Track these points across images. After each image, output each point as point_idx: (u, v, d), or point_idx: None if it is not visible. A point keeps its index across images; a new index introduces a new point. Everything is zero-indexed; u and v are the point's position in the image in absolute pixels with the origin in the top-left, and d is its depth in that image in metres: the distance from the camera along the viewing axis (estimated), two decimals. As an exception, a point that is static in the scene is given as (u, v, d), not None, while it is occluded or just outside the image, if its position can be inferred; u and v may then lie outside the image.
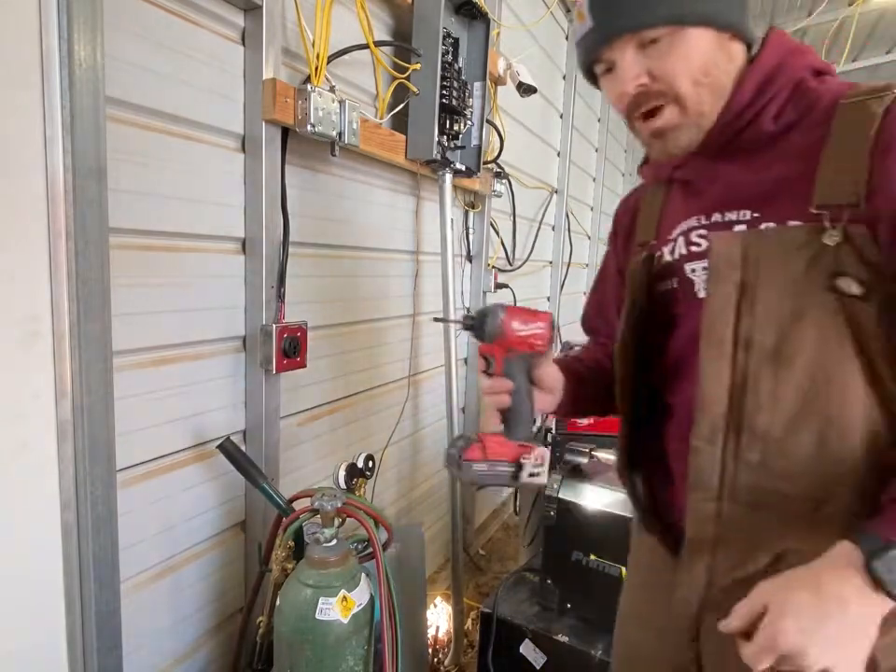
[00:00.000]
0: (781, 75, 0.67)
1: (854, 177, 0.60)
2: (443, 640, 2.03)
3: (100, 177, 0.90)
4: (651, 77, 0.67)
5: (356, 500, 1.18)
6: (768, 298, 0.64)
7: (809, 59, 0.69)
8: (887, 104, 0.60)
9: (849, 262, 0.60)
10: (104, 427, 0.95)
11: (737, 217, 0.69)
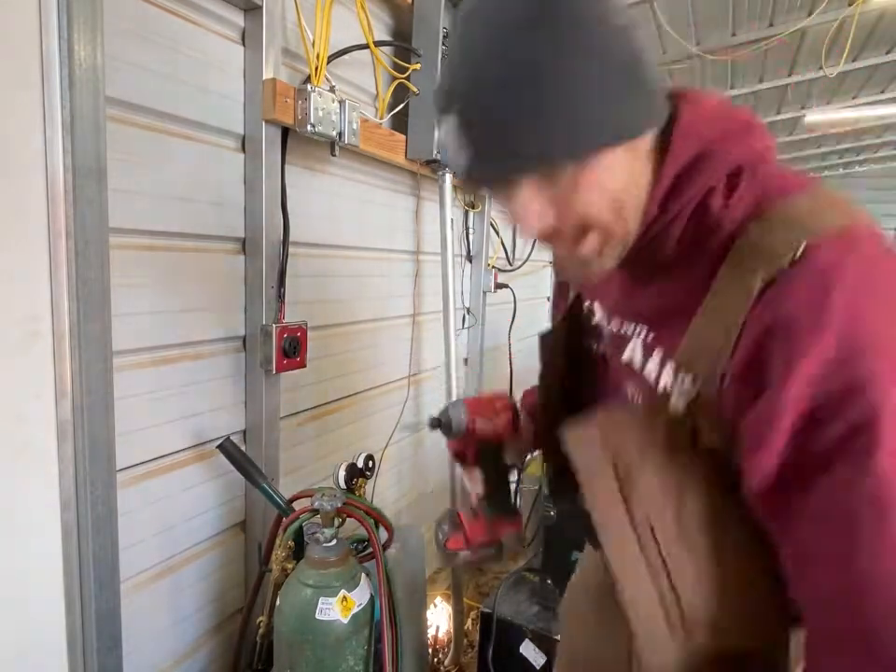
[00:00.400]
0: (687, 187, 0.54)
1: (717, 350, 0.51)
2: (443, 640, 2.03)
3: (100, 177, 0.90)
4: (560, 213, 0.53)
5: (356, 500, 1.18)
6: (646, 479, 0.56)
7: (728, 152, 0.54)
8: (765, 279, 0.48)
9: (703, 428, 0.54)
10: (104, 427, 0.95)
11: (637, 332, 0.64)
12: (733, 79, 4.86)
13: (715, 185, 0.54)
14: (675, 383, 0.56)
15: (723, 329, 0.51)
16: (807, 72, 4.69)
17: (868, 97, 5.58)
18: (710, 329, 0.52)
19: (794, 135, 6.87)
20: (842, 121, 6.15)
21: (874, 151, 8.25)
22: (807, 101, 5.46)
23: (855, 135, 7.19)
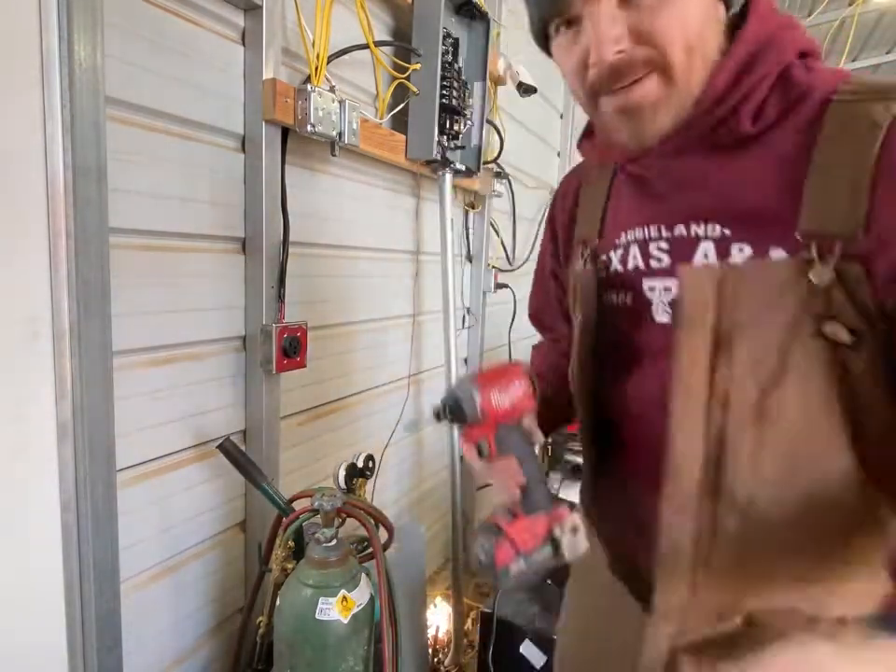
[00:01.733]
0: (766, 58, 0.53)
1: (851, 204, 0.49)
2: (443, 640, 2.03)
3: (100, 177, 0.90)
4: (636, 38, 0.51)
5: (356, 500, 1.18)
6: (748, 347, 0.54)
7: (797, 36, 0.55)
8: (894, 112, 0.48)
9: (840, 306, 0.50)
10: (104, 426, 0.95)
11: (704, 233, 0.58)
12: (733, 79, 4.87)
13: (792, 60, 0.54)
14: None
15: (853, 172, 0.49)
16: (807, 72, 4.69)
17: (868, 97, 5.58)
18: (834, 182, 0.50)
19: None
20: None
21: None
22: (807, 101, 5.46)
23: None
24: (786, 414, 0.53)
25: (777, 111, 0.54)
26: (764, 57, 0.53)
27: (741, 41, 0.53)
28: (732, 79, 0.53)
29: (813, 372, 0.52)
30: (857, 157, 0.49)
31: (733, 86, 0.54)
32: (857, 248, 0.49)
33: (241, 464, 1.19)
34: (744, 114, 0.54)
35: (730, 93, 0.54)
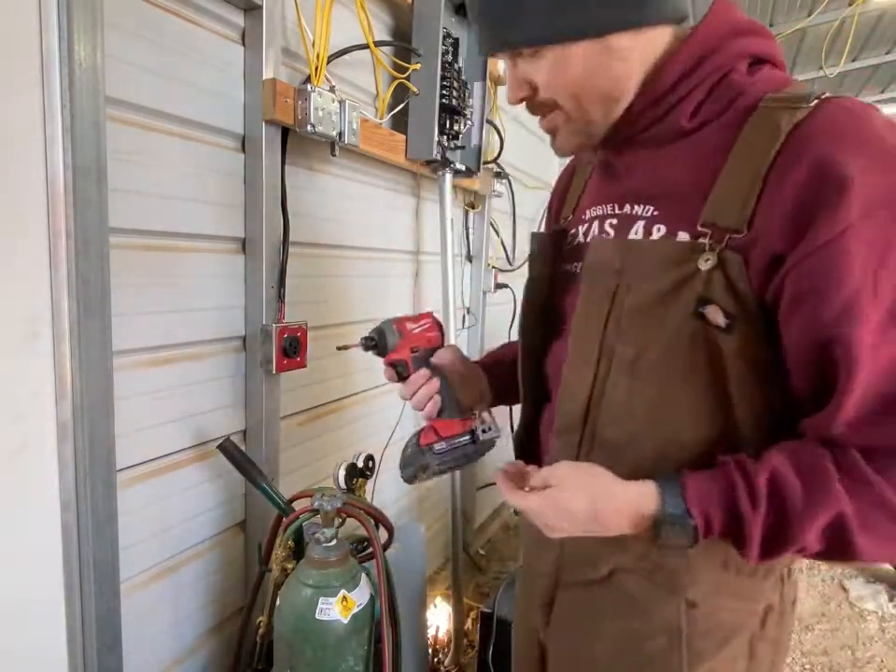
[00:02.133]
0: (707, 63, 0.59)
1: (743, 202, 0.56)
2: (443, 640, 2.03)
3: (100, 177, 0.90)
4: (532, 88, 0.65)
5: (356, 500, 1.18)
6: (636, 310, 0.63)
7: (750, 44, 0.61)
8: (798, 118, 0.54)
9: (718, 290, 0.57)
10: (104, 426, 0.95)
11: (640, 213, 0.65)
12: (733, 79, 4.86)
13: (735, 66, 0.60)
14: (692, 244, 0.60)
15: (752, 173, 0.55)
16: (807, 72, 4.69)
17: (868, 97, 5.58)
18: (739, 178, 0.57)
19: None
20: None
21: (874, 151, 8.23)
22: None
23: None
24: (655, 373, 0.62)
25: (712, 111, 0.61)
26: (706, 62, 0.59)
27: (686, 47, 0.60)
28: (675, 80, 0.60)
29: (684, 346, 0.60)
30: (758, 160, 0.55)
31: (675, 86, 0.60)
32: (740, 241, 0.56)
33: (241, 464, 1.19)
34: (683, 111, 0.61)
35: (672, 92, 0.61)
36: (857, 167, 0.51)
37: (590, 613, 0.75)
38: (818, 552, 0.56)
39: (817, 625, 2.36)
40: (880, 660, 2.18)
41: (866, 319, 0.51)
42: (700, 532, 0.57)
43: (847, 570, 2.76)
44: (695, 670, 0.68)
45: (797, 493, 0.54)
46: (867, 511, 0.53)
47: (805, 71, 4.68)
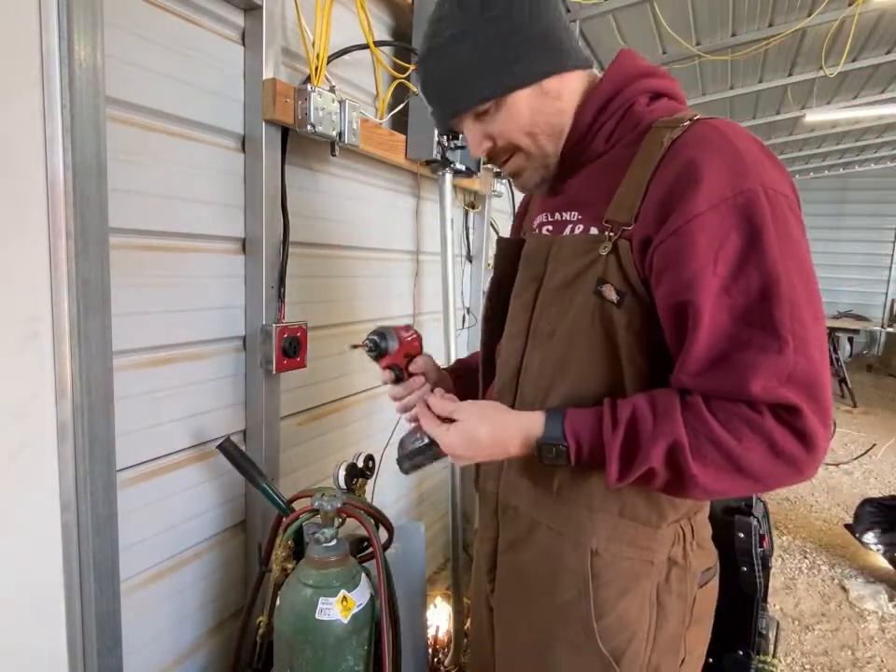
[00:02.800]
0: (616, 99, 0.76)
1: (633, 201, 0.70)
2: (443, 640, 2.03)
3: (100, 177, 0.90)
4: (492, 139, 0.79)
5: (356, 500, 1.18)
6: (554, 290, 0.79)
7: (649, 83, 0.77)
8: (674, 136, 0.69)
9: (612, 272, 0.71)
10: (104, 426, 0.95)
11: (569, 218, 0.81)
12: (733, 79, 4.86)
13: (637, 99, 0.76)
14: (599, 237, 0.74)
15: (640, 180, 0.70)
16: (807, 72, 4.69)
17: (868, 97, 5.58)
18: (632, 184, 0.71)
19: (794, 135, 6.87)
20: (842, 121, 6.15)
21: (874, 151, 8.25)
22: (807, 101, 5.46)
23: (855, 135, 7.19)
24: (561, 341, 0.77)
25: (622, 133, 0.77)
26: (614, 99, 0.76)
27: (599, 88, 0.77)
28: (592, 117, 0.76)
29: (587, 317, 0.74)
30: (646, 169, 0.70)
31: (594, 119, 0.77)
32: (629, 232, 0.70)
33: (241, 464, 1.19)
34: (599, 138, 0.77)
35: (593, 123, 0.77)
36: (710, 169, 0.64)
37: (518, 571, 0.87)
38: (666, 478, 0.68)
39: (817, 625, 2.36)
40: (880, 660, 2.18)
41: (708, 289, 0.64)
42: (572, 454, 0.70)
43: (847, 570, 2.76)
44: (604, 619, 0.78)
45: (648, 422, 0.67)
46: (701, 443, 0.65)
47: (805, 71, 4.68)
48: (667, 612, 0.80)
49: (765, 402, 0.63)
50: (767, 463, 0.64)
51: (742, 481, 0.66)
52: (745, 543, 1.29)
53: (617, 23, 3.45)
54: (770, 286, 0.62)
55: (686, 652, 0.83)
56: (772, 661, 1.50)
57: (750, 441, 0.63)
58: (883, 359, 8.16)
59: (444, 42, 0.74)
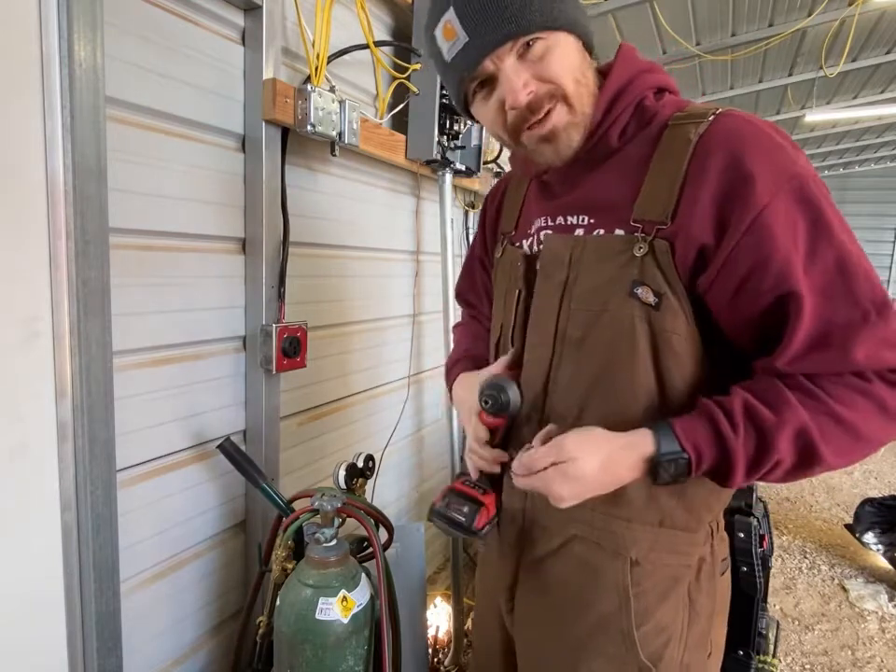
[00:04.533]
0: (627, 94, 0.73)
1: (666, 198, 0.68)
2: (443, 640, 2.03)
3: (100, 177, 0.90)
4: (539, 80, 0.69)
5: (356, 500, 1.18)
6: (582, 296, 0.74)
7: (653, 78, 0.75)
8: (701, 131, 0.68)
9: (650, 273, 0.68)
10: (104, 426, 0.95)
11: (577, 222, 0.77)
12: (733, 79, 4.86)
13: (646, 94, 0.74)
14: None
15: (671, 177, 0.68)
16: (807, 72, 4.69)
17: (868, 97, 5.58)
18: (661, 182, 0.69)
19: (794, 135, 6.87)
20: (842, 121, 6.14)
21: (874, 151, 8.25)
22: (807, 101, 5.46)
23: (855, 135, 7.19)
24: (597, 348, 0.73)
25: (634, 131, 0.74)
26: (625, 94, 0.73)
27: (608, 84, 0.73)
28: (604, 110, 0.73)
29: (624, 321, 0.70)
30: (675, 165, 0.68)
31: (605, 115, 0.73)
32: (666, 231, 0.68)
33: (241, 464, 1.19)
34: (612, 134, 0.74)
35: (604, 120, 0.73)
36: (757, 161, 0.64)
37: (547, 587, 0.82)
38: (791, 464, 0.65)
39: (817, 625, 2.36)
40: (880, 660, 2.18)
41: (800, 275, 0.63)
42: (693, 464, 0.66)
43: (847, 570, 2.76)
44: (643, 627, 0.76)
45: (765, 411, 0.64)
46: (822, 422, 0.64)
47: (805, 71, 4.68)
48: (698, 610, 0.80)
49: (871, 369, 0.64)
50: (882, 425, 0.65)
51: (861, 447, 0.66)
52: (745, 543, 1.29)
53: (617, 23, 3.45)
54: (843, 260, 0.63)
55: (713, 647, 0.83)
56: (772, 661, 1.50)
57: (865, 409, 0.64)
58: (883, 359, 8.14)
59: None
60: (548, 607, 0.83)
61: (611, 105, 0.73)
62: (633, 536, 0.76)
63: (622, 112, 0.73)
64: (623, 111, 0.73)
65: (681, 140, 0.68)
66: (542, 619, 0.85)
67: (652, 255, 0.68)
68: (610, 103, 0.73)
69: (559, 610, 0.82)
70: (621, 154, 0.74)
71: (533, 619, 0.86)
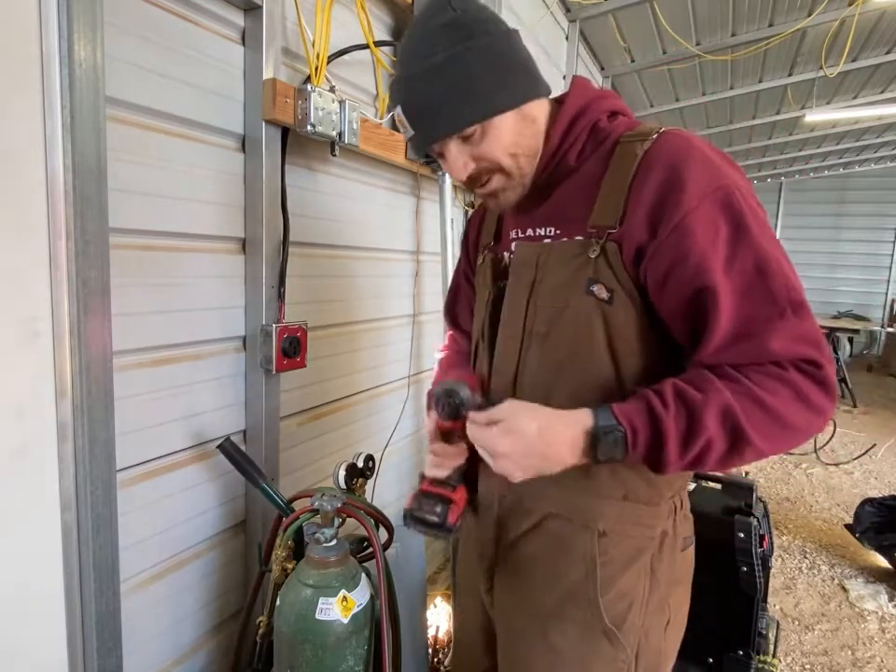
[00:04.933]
0: (582, 119, 0.82)
1: (615, 205, 0.76)
2: (443, 640, 2.03)
3: (100, 177, 0.90)
4: (476, 160, 0.80)
5: (356, 500, 1.18)
6: (547, 295, 0.83)
7: (606, 103, 0.84)
8: (646, 147, 0.76)
9: (603, 272, 0.77)
10: (104, 427, 0.95)
11: (544, 233, 0.86)
12: (733, 79, 4.86)
13: (600, 117, 0.83)
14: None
15: (619, 188, 0.77)
16: (807, 72, 4.69)
17: (868, 97, 5.58)
18: (612, 193, 0.77)
19: (794, 135, 6.87)
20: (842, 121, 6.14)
21: (874, 151, 8.25)
22: (807, 101, 5.46)
23: (855, 135, 7.19)
24: (561, 340, 0.81)
25: (591, 150, 0.83)
26: (580, 119, 0.82)
27: (564, 113, 0.82)
28: (561, 137, 0.82)
29: (582, 316, 0.78)
30: (623, 178, 0.77)
31: (562, 141, 0.82)
32: (615, 235, 0.76)
33: (241, 464, 1.19)
34: (570, 155, 0.82)
35: (562, 145, 0.82)
36: (691, 171, 0.72)
37: (524, 562, 0.90)
38: (722, 446, 0.70)
39: (817, 625, 2.36)
40: (880, 660, 2.18)
41: (717, 272, 0.70)
42: (629, 440, 0.70)
43: (847, 570, 2.76)
44: (607, 594, 0.83)
45: (693, 392, 0.70)
46: (745, 404, 0.69)
47: (805, 71, 4.68)
48: (658, 578, 0.86)
49: (787, 359, 0.70)
50: (800, 412, 0.70)
51: (788, 435, 0.71)
52: (745, 543, 1.29)
53: (617, 23, 3.45)
54: (762, 263, 0.71)
55: (671, 614, 0.89)
56: (772, 661, 1.50)
57: (785, 396, 0.69)
58: (883, 359, 8.15)
59: (438, 64, 0.74)
60: (522, 581, 0.90)
61: (568, 130, 0.82)
62: (600, 510, 0.83)
63: (578, 134, 0.82)
64: (580, 134, 0.82)
65: (629, 156, 0.77)
66: (517, 593, 0.91)
67: (604, 256, 0.77)
68: (567, 128, 0.82)
69: (532, 583, 0.89)
70: (579, 172, 0.83)
71: (509, 594, 0.93)
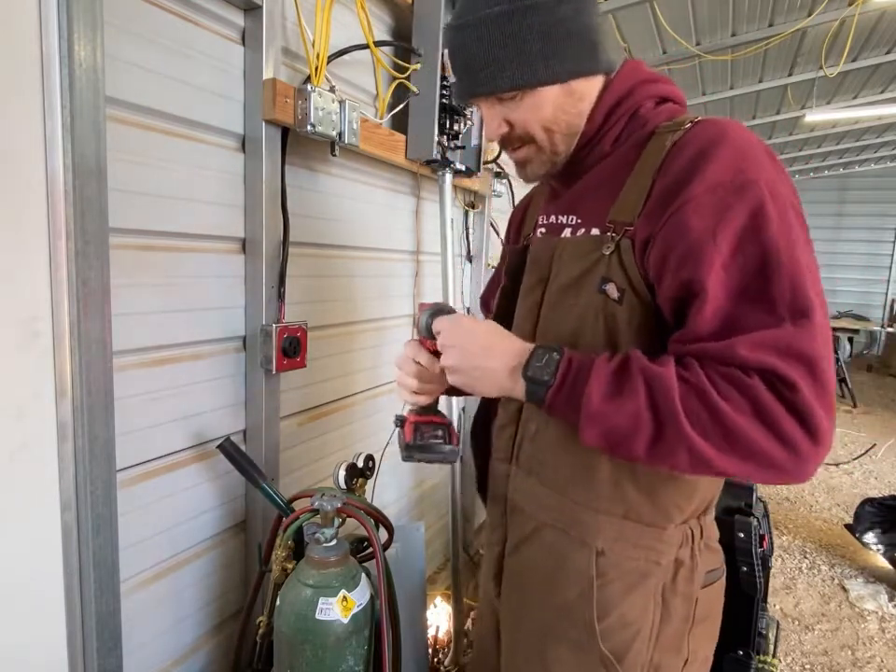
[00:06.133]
0: (624, 104, 0.78)
1: (636, 201, 0.72)
2: (443, 640, 2.03)
3: (100, 177, 0.90)
4: (509, 125, 0.79)
5: (356, 500, 1.18)
6: (559, 290, 0.81)
7: (655, 88, 0.80)
8: (675, 138, 0.72)
9: (615, 270, 0.73)
10: (104, 427, 0.95)
11: (566, 221, 0.84)
12: (733, 79, 4.86)
13: (643, 103, 0.79)
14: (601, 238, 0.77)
15: (643, 183, 0.72)
16: (807, 72, 4.69)
17: (868, 97, 5.58)
18: (634, 187, 0.74)
19: (794, 135, 6.87)
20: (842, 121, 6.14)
21: (874, 151, 8.25)
22: (807, 101, 5.46)
23: (855, 135, 7.19)
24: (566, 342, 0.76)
25: (625, 137, 0.79)
26: (622, 103, 0.78)
27: (606, 94, 0.78)
28: (601, 121, 0.78)
29: (591, 317, 0.76)
30: (650, 170, 0.72)
31: (603, 122, 0.79)
32: (632, 231, 0.72)
33: (241, 464, 1.19)
34: (606, 141, 0.79)
35: (602, 127, 0.79)
36: (710, 163, 0.66)
37: (522, 571, 0.89)
38: (650, 435, 0.63)
39: (817, 625, 2.36)
40: (880, 660, 2.18)
41: (710, 261, 0.64)
42: (562, 367, 0.68)
43: (847, 570, 2.76)
44: (606, 619, 0.79)
45: (642, 359, 0.66)
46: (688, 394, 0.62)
47: (805, 71, 4.68)
48: (671, 612, 0.80)
49: (754, 367, 0.61)
50: (759, 433, 0.60)
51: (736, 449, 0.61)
52: (745, 543, 1.29)
53: (617, 23, 3.45)
54: (770, 266, 0.62)
55: (689, 653, 0.83)
56: (772, 661, 1.50)
57: (737, 403, 0.60)
58: (883, 359, 8.15)
59: (492, 17, 0.71)
60: (521, 591, 0.89)
61: (608, 116, 0.78)
62: (598, 525, 0.79)
63: (617, 120, 0.78)
64: (619, 119, 0.78)
65: (658, 147, 0.73)
66: (518, 602, 0.90)
67: (618, 253, 0.73)
68: (607, 114, 0.78)
69: (531, 593, 0.87)
70: (611, 159, 0.79)
71: (510, 603, 0.92)
